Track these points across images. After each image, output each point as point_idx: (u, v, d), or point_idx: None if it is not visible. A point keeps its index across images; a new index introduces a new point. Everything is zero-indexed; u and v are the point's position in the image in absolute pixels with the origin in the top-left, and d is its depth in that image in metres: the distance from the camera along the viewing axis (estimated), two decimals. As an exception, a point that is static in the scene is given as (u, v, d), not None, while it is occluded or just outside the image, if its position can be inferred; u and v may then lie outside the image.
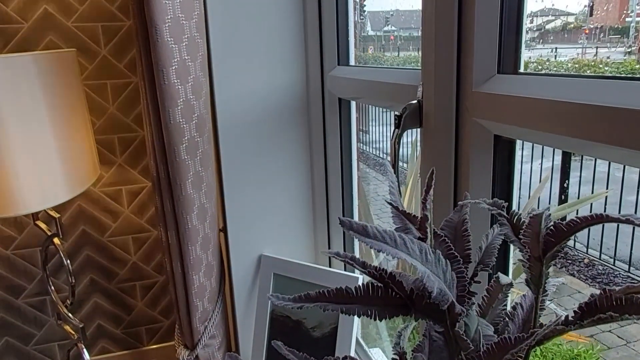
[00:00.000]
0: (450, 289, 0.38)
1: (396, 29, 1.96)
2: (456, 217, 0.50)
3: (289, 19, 1.17)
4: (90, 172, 1.31)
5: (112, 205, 1.73)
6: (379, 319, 0.37)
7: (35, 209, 1.18)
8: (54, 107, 1.17)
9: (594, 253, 2.29)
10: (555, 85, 0.57)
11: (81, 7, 1.55)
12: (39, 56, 1.14)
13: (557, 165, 2.16)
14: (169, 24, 0.93)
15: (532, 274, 0.41)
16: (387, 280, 0.38)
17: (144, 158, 1.73)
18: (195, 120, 1.03)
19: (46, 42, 1.54)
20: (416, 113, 0.75)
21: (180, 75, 0.97)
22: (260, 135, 1.21)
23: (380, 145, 4.15)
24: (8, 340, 1.75)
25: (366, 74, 1.01)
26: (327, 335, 1.15)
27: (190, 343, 1.21)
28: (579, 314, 0.38)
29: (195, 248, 1.11)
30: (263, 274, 1.26)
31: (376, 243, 0.35)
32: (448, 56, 0.69)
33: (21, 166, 1.12)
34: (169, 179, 1.06)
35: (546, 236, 0.39)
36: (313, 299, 0.37)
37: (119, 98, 1.65)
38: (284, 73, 1.19)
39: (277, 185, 1.25)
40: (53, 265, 1.73)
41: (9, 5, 1.49)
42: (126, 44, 1.61)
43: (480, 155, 0.69)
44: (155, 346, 1.91)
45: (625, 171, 1.94)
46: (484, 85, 0.66)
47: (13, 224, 1.66)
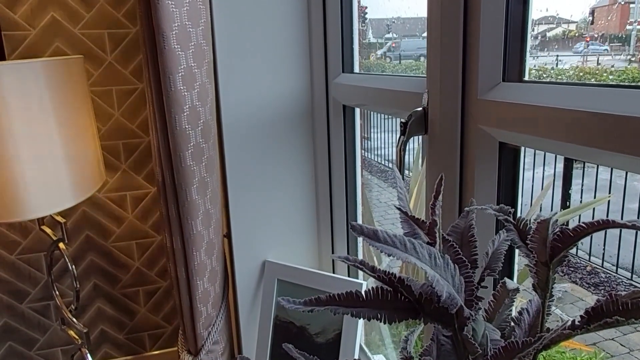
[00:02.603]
0: (459, 293, 0.39)
1: (398, 36, 1.97)
2: (462, 223, 0.50)
3: (294, 26, 1.18)
4: (96, 177, 1.32)
5: (116, 211, 1.74)
6: (388, 322, 0.38)
7: (41, 214, 1.18)
8: (61, 113, 1.19)
9: (596, 261, 2.29)
10: (559, 93, 0.58)
11: (88, 14, 1.56)
12: (48, 62, 1.15)
13: (559, 172, 2.17)
14: (176, 31, 0.94)
15: (539, 279, 0.42)
16: (396, 284, 0.39)
17: (148, 164, 1.74)
18: (201, 126, 1.04)
19: (53, 49, 1.55)
20: (421, 120, 0.76)
21: (187, 81, 0.98)
22: (265, 142, 1.21)
23: (382, 152, 4.16)
24: (11, 345, 1.75)
25: (371, 81, 1.02)
26: (331, 342, 1.15)
27: (194, 348, 1.22)
28: (585, 319, 0.38)
29: (200, 253, 1.12)
30: (267, 279, 1.26)
31: (386, 247, 0.36)
32: (453, 64, 0.70)
33: (28, 171, 1.13)
34: (175, 184, 1.07)
35: (553, 242, 0.40)
36: (324, 303, 0.38)
37: (125, 104, 1.66)
38: (289, 80, 1.20)
39: (281, 192, 1.26)
40: (57, 270, 1.73)
41: (17, 13, 1.50)
42: (132, 50, 1.63)
43: (486, 162, 0.69)
44: (158, 352, 1.91)
45: (628, 179, 1.95)
46: (489, 93, 0.67)
47: (18, 228, 1.67)
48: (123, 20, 1.60)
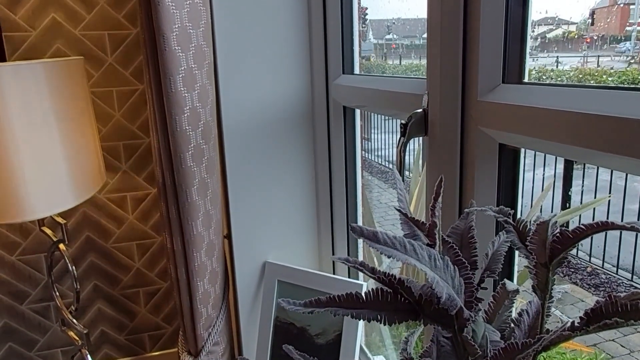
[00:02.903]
0: (459, 294, 0.39)
1: (398, 37, 1.98)
2: (462, 225, 0.50)
3: (294, 27, 1.18)
4: (96, 178, 1.32)
5: (116, 212, 1.74)
6: (388, 324, 0.38)
7: (42, 215, 1.19)
8: (62, 114, 1.19)
9: (596, 262, 2.29)
10: (559, 95, 0.58)
11: (88, 15, 1.56)
12: (49, 64, 1.15)
13: (559, 173, 2.17)
14: (176, 32, 0.94)
15: (539, 280, 0.42)
16: (396, 286, 0.39)
17: (149, 165, 1.74)
18: (201, 127, 1.04)
19: (53, 50, 1.56)
20: (422, 122, 0.76)
21: (187, 83, 0.99)
22: (265, 143, 1.22)
23: (382, 153, 4.16)
24: (11, 346, 1.75)
25: (371, 82, 1.02)
26: (331, 343, 1.15)
27: (194, 349, 1.22)
28: (584, 320, 0.38)
29: (200, 254, 1.12)
30: (267, 280, 1.26)
31: (386, 249, 0.36)
32: (453, 66, 0.70)
33: (29, 172, 1.13)
34: (175, 185, 1.07)
35: (552, 243, 0.40)
36: (324, 304, 0.38)
37: (125, 105, 1.66)
38: (289, 81, 1.20)
39: (282, 193, 1.26)
40: (57, 271, 1.73)
41: (17, 14, 1.51)
42: (132, 51, 1.63)
43: (486, 163, 0.69)
44: (158, 353, 1.91)
45: (628, 180, 1.95)
46: (489, 95, 0.67)
47: (18, 229, 1.67)
48: (123, 22, 1.60)
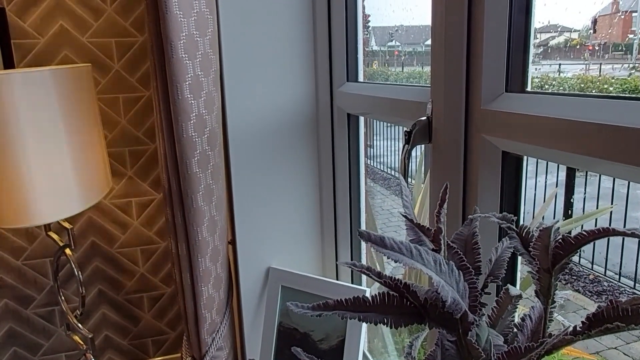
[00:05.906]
0: (463, 298, 0.40)
1: (400, 44, 1.99)
2: (466, 231, 0.51)
3: (299, 36, 1.19)
4: (102, 184, 1.34)
5: (121, 217, 1.75)
6: (394, 327, 0.39)
7: (49, 220, 1.20)
8: (69, 121, 1.20)
9: (599, 269, 2.29)
10: (561, 103, 0.59)
11: (96, 23, 1.58)
12: (57, 71, 1.17)
13: (561, 180, 2.17)
14: (183, 40, 0.96)
15: (541, 286, 0.42)
16: (402, 290, 0.40)
17: (154, 170, 1.75)
18: (207, 134, 1.05)
19: (61, 57, 1.58)
20: (425, 129, 0.77)
21: (194, 90, 1.00)
22: (270, 150, 1.23)
23: (385, 160, 4.17)
24: (16, 350, 1.76)
25: (375, 90, 1.03)
26: (334, 348, 1.16)
27: (198, 354, 1.22)
28: (586, 324, 0.39)
29: (205, 260, 1.13)
30: (271, 286, 1.27)
31: (393, 254, 0.37)
32: (457, 75, 0.72)
33: (37, 178, 1.15)
34: (180, 191, 1.08)
35: (555, 249, 0.41)
36: (332, 307, 0.39)
37: (131, 112, 1.68)
38: (294, 89, 1.21)
39: (286, 199, 1.27)
40: (61, 276, 1.74)
41: (26, 21, 1.53)
42: (139, 58, 1.65)
43: (489, 170, 0.70)
44: (162, 358, 1.92)
45: (630, 187, 1.95)
46: (492, 103, 0.68)
47: (24, 234, 1.68)
48: (130, 29, 1.62)
